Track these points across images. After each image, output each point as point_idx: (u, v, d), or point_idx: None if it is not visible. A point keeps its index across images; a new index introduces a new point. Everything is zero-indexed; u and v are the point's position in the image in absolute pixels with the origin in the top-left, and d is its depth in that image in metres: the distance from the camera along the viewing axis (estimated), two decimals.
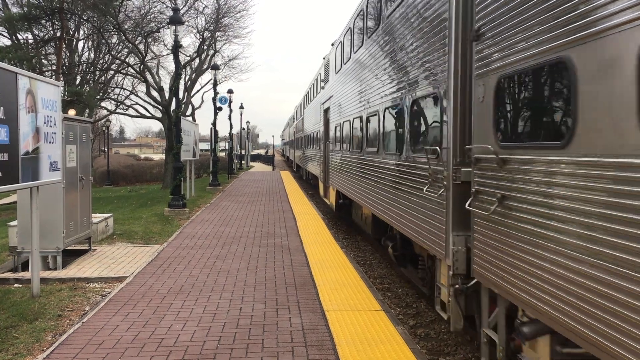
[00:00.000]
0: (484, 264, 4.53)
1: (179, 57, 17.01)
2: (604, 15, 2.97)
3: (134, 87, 33.39)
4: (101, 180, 39.00)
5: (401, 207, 7.24)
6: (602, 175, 2.99)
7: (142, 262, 9.03)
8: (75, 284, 7.96)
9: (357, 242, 13.12)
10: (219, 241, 10.93)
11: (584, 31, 3.14)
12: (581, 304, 3.15)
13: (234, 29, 33.01)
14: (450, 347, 6.44)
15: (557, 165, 3.43)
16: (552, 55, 3.48)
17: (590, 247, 3.09)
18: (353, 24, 11.59)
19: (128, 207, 19.44)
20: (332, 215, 17.14)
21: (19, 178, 6.48)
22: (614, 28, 2.89)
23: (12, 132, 6.23)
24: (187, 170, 19.89)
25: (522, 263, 3.86)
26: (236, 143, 47.27)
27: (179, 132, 16.67)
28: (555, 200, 3.45)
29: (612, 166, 2.91)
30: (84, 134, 9.66)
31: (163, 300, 6.77)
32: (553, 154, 3.47)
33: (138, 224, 13.40)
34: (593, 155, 3.07)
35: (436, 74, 5.79)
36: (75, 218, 9.28)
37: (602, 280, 2.98)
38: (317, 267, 8.59)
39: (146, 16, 27.02)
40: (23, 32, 24.82)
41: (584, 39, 3.13)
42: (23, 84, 6.53)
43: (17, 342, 5.61)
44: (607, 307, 2.93)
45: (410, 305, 8.09)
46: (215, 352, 5.09)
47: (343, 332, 5.63)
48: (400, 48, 7.32)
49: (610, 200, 2.93)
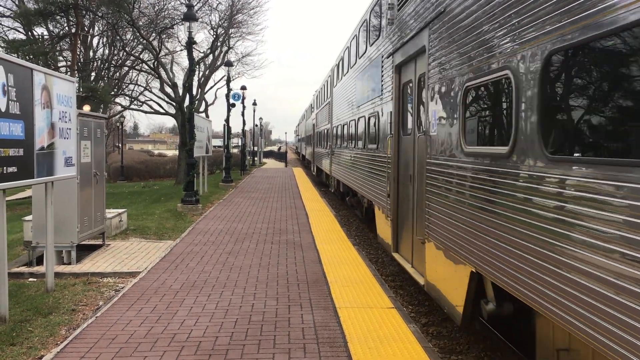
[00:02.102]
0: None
1: (192, 53, 17.07)
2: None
3: (148, 83, 33.56)
4: (115, 176, 39.27)
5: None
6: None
7: (155, 258, 9.08)
8: (89, 278, 8.02)
9: (370, 239, 13.10)
10: (231, 237, 10.96)
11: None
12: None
13: (248, 25, 33.12)
14: (462, 346, 6.40)
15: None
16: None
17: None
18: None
19: (141, 202, 19.57)
20: (344, 212, 17.10)
21: (34, 173, 6.53)
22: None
23: (27, 128, 6.28)
24: (200, 166, 19.96)
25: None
26: (249, 140, 47.34)
27: (193, 128, 16.72)
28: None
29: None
30: (98, 130, 9.73)
31: (176, 296, 6.80)
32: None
33: (151, 220, 13.47)
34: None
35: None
36: (89, 213, 9.35)
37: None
38: (329, 264, 8.59)
39: (160, 12, 27.14)
40: (38, 28, 25.05)
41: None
42: (39, 79, 6.58)
43: (32, 336, 5.66)
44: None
45: (422, 303, 8.06)
46: (227, 348, 5.10)
47: (355, 330, 5.62)
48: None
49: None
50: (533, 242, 3.89)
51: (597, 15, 3.16)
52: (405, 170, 8.16)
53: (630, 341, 2.86)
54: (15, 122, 6.01)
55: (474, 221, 5.10)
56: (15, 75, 5.97)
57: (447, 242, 5.90)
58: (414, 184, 7.61)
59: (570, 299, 3.40)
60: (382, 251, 11.75)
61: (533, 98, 3.96)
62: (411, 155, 7.79)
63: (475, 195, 5.09)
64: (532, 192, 3.97)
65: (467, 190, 5.32)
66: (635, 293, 2.84)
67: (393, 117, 8.77)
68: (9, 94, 5.85)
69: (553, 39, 3.66)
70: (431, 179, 6.47)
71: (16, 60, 6.42)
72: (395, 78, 8.74)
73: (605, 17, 3.09)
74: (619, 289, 2.97)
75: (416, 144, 7.49)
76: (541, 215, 3.79)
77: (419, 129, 7.30)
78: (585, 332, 3.24)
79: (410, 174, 7.80)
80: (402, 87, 8.52)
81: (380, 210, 10.06)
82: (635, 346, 2.81)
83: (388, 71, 9.21)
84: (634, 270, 2.85)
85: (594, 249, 3.18)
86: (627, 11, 2.90)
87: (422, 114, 7.21)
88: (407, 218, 8.14)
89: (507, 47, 4.43)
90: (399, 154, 8.62)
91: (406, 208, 8.12)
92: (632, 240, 2.87)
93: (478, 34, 5.07)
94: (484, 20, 4.91)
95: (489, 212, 4.75)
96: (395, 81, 8.73)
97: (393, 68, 8.72)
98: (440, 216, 6.14)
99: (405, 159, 8.22)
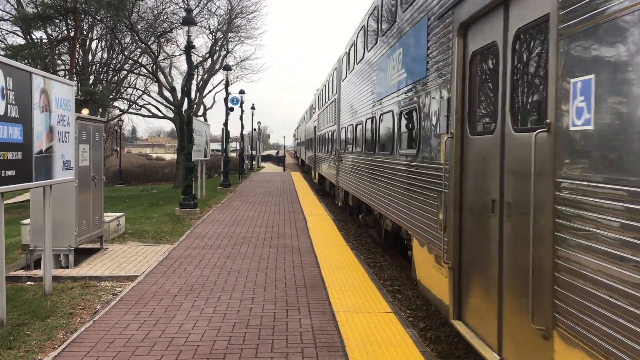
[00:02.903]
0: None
1: (191, 57, 17.08)
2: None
3: (147, 87, 33.59)
4: (113, 180, 39.26)
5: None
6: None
7: (153, 262, 9.07)
8: (87, 282, 8.01)
9: (368, 243, 13.10)
10: (229, 241, 10.96)
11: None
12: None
13: (246, 29, 33.21)
14: (460, 351, 6.40)
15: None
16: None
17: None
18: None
19: (139, 206, 19.55)
20: (342, 217, 17.12)
21: (32, 177, 6.53)
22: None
23: (26, 131, 6.28)
24: (198, 170, 19.95)
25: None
26: (247, 143, 47.37)
27: (191, 132, 16.72)
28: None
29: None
30: (96, 133, 9.73)
31: (174, 300, 6.80)
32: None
33: (149, 224, 13.46)
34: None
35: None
36: (87, 217, 9.34)
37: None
38: (327, 268, 8.59)
39: (159, 17, 27.20)
40: (37, 32, 25.06)
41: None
42: (37, 83, 6.58)
43: (29, 340, 5.65)
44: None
45: (420, 307, 8.06)
46: (225, 352, 5.10)
47: (353, 334, 5.62)
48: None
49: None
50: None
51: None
52: (479, 192, 5.13)
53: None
54: (14, 125, 6.01)
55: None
56: (14, 79, 5.97)
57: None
58: (501, 216, 4.57)
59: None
60: (380, 255, 11.71)
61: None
62: (493, 166, 4.74)
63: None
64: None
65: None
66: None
67: (453, 107, 5.64)
68: (8, 98, 5.86)
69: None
70: (574, 219, 3.33)
71: (15, 64, 6.42)
72: (459, 45, 5.56)
73: None
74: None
75: (508, 148, 4.50)
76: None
77: (523, 122, 4.38)
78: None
79: (491, 199, 4.75)
80: (471, 58, 5.41)
81: (423, 247, 6.86)
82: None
83: (441, 38, 6.16)
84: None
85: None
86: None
87: (526, 94, 4.41)
88: (481, 269, 5.03)
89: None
90: (464, 163, 5.53)
91: (479, 252, 5.08)
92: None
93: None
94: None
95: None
96: (458, 50, 5.57)
97: (454, 30, 5.66)
98: (599, 300, 3.08)
99: (478, 173, 5.17)
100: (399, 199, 8.25)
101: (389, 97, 9.25)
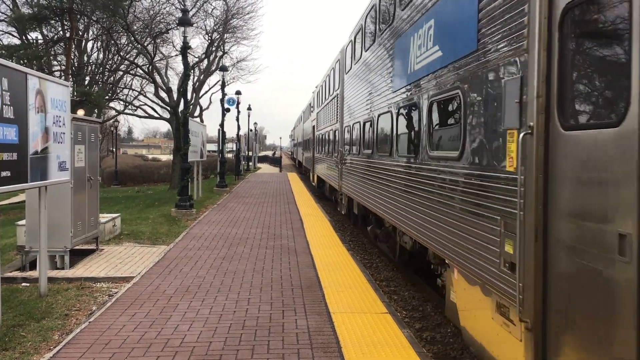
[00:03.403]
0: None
1: (187, 58, 17.07)
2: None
3: (143, 87, 33.52)
4: (109, 181, 39.17)
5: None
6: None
7: (149, 263, 9.05)
8: (83, 283, 7.99)
9: (364, 244, 13.10)
10: (225, 242, 10.95)
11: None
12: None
13: (243, 30, 33.11)
14: (456, 351, 6.41)
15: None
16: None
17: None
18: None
19: (135, 207, 19.51)
20: (339, 217, 17.13)
21: (27, 178, 6.51)
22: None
23: (21, 132, 6.27)
24: (194, 171, 19.93)
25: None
26: (244, 144, 47.33)
27: (187, 133, 16.71)
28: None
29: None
30: (92, 134, 9.71)
31: (169, 301, 6.79)
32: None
33: (145, 225, 13.44)
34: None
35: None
36: (83, 218, 9.31)
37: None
38: (323, 269, 8.59)
39: (155, 17, 27.15)
40: (32, 32, 24.98)
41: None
42: (33, 84, 6.57)
43: (25, 341, 5.63)
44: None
45: (416, 308, 8.07)
46: (221, 353, 5.09)
47: (349, 335, 5.62)
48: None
49: None
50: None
51: None
52: (586, 218, 3.38)
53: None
54: (9, 126, 5.99)
55: None
56: (9, 79, 5.96)
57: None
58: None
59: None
60: (376, 256, 11.71)
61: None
62: (619, 179, 3.07)
63: None
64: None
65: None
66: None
67: (533, 90, 3.91)
68: (3, 98, 5.84)
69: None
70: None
71: (10, 64, 6.40)
72: (543, 3, 3.89)
73: None
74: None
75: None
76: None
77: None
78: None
79: (617, 233, 3.05)
80: (562, 17, 3.72)
81: (474, 287, 5.13)
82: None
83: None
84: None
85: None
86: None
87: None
88: (595, 344, 3.27)
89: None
90: (552, 172, 3.79)
91: (589, 317, 3.32)
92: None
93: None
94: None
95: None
96: (541, 10, 3.90)
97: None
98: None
99: (583, 188, 3.45)
100: (426, 214, 6.61)
101: (412, 85, 7.53)
